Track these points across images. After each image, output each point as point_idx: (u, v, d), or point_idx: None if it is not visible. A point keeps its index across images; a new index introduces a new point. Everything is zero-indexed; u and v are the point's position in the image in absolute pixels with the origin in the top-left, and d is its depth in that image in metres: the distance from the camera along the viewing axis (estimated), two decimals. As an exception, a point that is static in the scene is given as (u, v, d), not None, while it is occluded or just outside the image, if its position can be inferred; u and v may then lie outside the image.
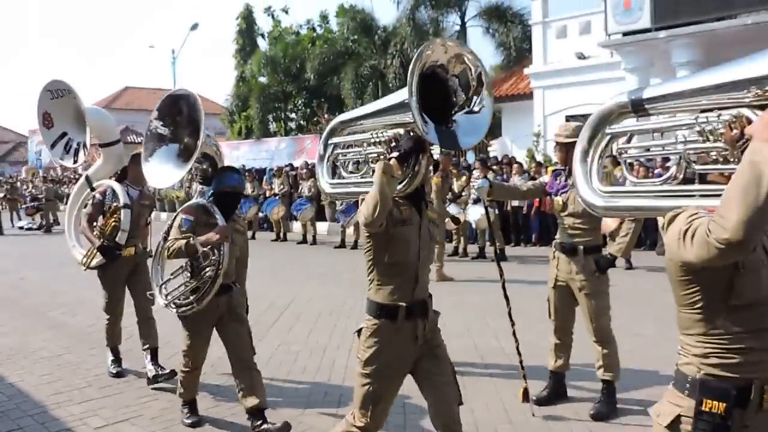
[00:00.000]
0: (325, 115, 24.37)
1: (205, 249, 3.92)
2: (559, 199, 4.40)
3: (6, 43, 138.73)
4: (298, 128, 30.99)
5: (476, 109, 2.97)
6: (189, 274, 4.13)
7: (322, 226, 15.30)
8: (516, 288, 6.38)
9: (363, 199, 2.83)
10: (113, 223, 5.10)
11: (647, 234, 11.83)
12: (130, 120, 43.44)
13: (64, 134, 5.50)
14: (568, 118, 16.76)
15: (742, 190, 1.58)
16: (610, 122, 2.29)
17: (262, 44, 35.52)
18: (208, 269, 3.97)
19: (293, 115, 32.57)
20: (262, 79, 31.37)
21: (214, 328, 4.31)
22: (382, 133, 3.12)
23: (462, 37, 25.84)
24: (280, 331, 6.61)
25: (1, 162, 46.44)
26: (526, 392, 4.28)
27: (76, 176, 28.12)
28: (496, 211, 11.25)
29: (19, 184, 26.52)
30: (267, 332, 6.57)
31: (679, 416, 1.95)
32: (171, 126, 4.48)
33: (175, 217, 4.23)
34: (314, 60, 28.40)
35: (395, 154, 2.88)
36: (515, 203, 12.90)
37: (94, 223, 5.29)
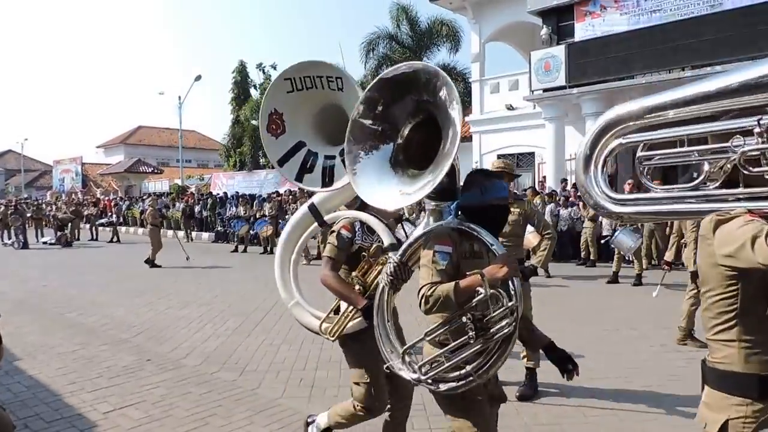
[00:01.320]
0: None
1: (490, 291, 2.07)
2: None
3: (36, 84, 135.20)
4: (282, 162, 30.80)
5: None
6: (456, 333, 2.16)
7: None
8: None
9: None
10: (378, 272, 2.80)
11: (563, 248, 11.99)
12: (142, 154, 42.64)
13: (300, 145, 3.12)
14: (499, 156, 17.02)
15: None
16: (620, 130, 1.94)
17: (254, 93, 35.34)
18: (502, 322, 2.08)
19: (279, 152, 32.34)
20: (254, 122, 31.14)
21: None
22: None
23: (416, 90, 26.07)
24: (265, 328, 6.43)
25: (28, 187, 44.86)
26: None
27: (94, 199, 27.37)
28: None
29: (44, 206, 25.59)
30: (254, 329, 6.39)
31: (727, 421, 1.65)
32: (385, 120, 2.40)
33: (408, 253, 2.35)
34: (296, 107, 28.34)
35: None
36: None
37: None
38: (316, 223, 3.31)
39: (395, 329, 2.46)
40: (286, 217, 14.26)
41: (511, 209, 3.86)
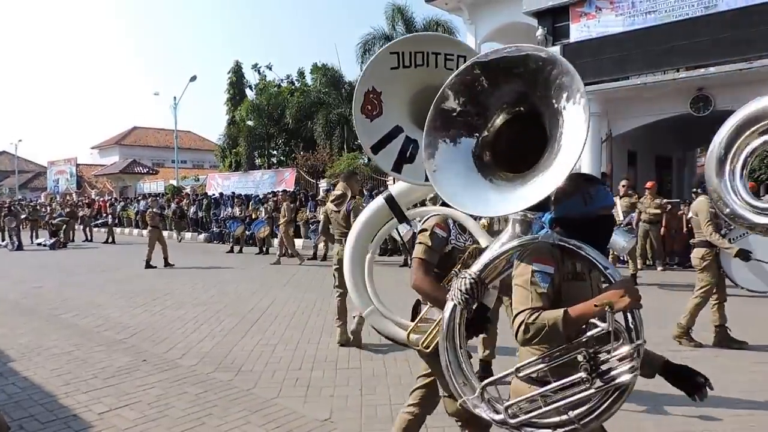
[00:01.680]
0: (301, 153, 24.23)
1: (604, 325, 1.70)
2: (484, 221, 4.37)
3: (30, 85, 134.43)
4: (278, 163, 30.79)
5: None
6: (559, 371, 1.83)
7: (298, 242, 15.09)
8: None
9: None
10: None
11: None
12: (137, 154, 42.53)
13: (397, 130, 2.65)
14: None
15: None
16: (764, 126, 1.66)
17: (250, 94, 35.36)
18: (624, 364, 1.71)
19: (275, 152, 32.36)
20: (249, 123, 31.14)
21: None
22: None
23: (412, 91, 26.13)
24: (261, 328, 6.42)
25: (22, 188, 44.66)
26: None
27: (88, 200, 27.27)
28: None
29: (38, 207, 25.49)
30: (250, 329, 6.37)
31: None
32: (473, 109, 2.01)
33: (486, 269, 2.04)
34: (292, 108, 28.35)
35: None
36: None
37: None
38: (393, 219, 2.91)
39: (467, 357, 2.09)
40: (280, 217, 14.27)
41: None
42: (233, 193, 21.32)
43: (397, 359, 5.15)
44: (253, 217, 16.06)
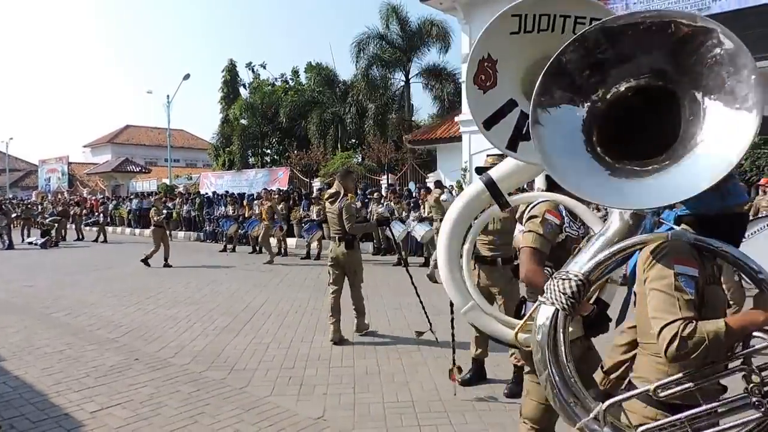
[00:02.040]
0: (295, 152, 24.22)
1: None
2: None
3: (22, 83, 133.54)
4: (272, 161, 30.76)
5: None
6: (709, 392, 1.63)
7: (291, 241, 15.07)
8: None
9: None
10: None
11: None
12: (130, 153, 42.38)
13: (511, 104, 2.35)
14: (489, 155, 17.08)
15: None
16: None
17: (244, 92, 35.29)
18: None
19: (268, 151, 32.32)
20: (243, 121, 31.09)
21: None
22: None
23: (406, 91, 26.16)
24: (254, 327, 6.42)
25: (13, 187, 44.35)
26: (454, 371, 4.23)
27: (79, 199, 27.11)
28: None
29: (31, 206, 25.31)
30: (243, 328, 6.36)
31: None
32: (590, 78, 1.70)
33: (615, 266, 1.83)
34: (286, 107, 28.32)
35: None
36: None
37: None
38: (495, 206, 2.63)
39: (576, 372, 1.76)
40: (276, 217, 14.25)
41: None
42: (226, 191, 21.28)
43: (390, 357, 5.16)
44: (247, 215, 16.02)
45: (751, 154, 28.21)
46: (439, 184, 13.42)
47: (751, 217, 9.75)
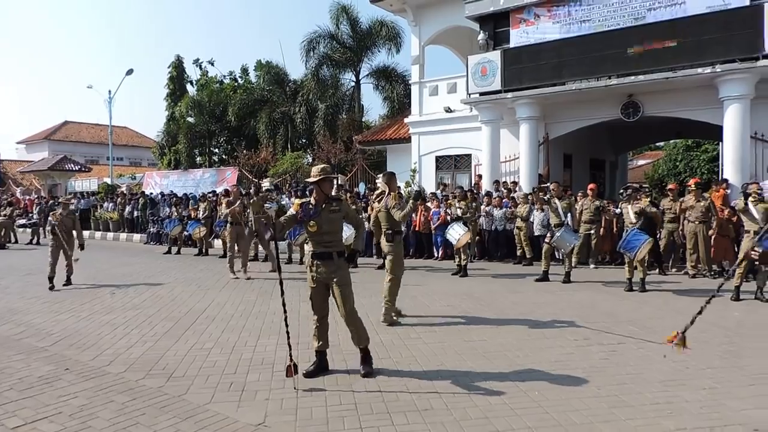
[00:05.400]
0: (243, 151, 23.77)
1: None
2: (313, 223, 4.63)
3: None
4: (220, 161, 30.09)
5: None
6: None
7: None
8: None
9: None
10: None
11: (498, 248, 12.30)
12: (69, 150, 40.48)
13: None
14: (438, 158, 17.31)
15: None
16: None
17: (191, 90, 34.37)
18: None
19: (216, 150, 31.59)
20: (190, 119, 30.27)
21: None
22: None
23: (356, 91, 26.14)
24: (196, 332, 6.23)
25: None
26: (291, 368, 4.40)
27: (12, 197, 25.64)
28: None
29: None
30: (184, 333, 6.17)
31: None
32: None
33: None
34: (235, 105, 27.79)
35: None
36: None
37: None
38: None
39: None
40: (220, 217, 13.89)
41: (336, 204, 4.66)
42: (171, 192, 20.64)
43: (334, 359, 5.11)
44: (192, 216, 15.59)
45: (685, 157, 29.56)
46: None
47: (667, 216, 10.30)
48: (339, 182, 18.22)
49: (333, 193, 4.92)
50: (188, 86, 34.79)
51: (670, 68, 12.15)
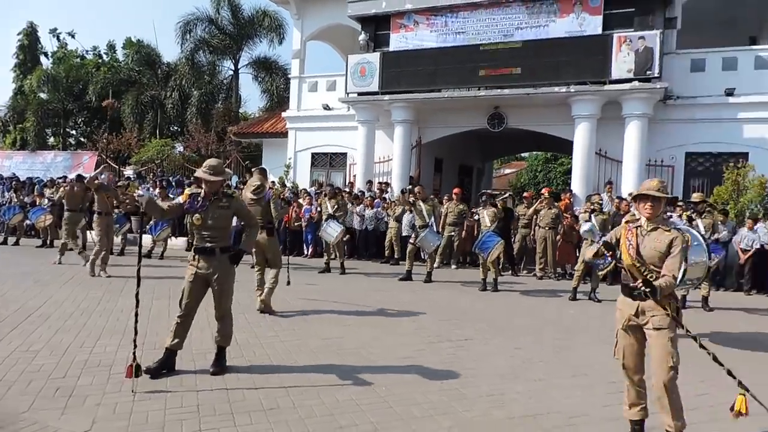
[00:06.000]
0: (105, 135, 21.91)
1: None
2: (198, 216, 4.55)
3: None
4: (77, 144, 27.49)
5: None
6: None
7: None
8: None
9: None
10: None
11: (368, 247, 12.54)
12: None
13: None
14: (314, 155, 17.26)
15: None
16: None
17: (45, 62, 31.02)
18: None
19: (73, 132, 28.82)
20: (43, 95, 27.29)
21: None
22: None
23: (235, 81, 25.25)
24: (23, 332, 5.59)
25: None
26: (131, 369, 4.17)
27: None
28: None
29: None
30: (9, 333, 5.51)
31: None
32: None
33: None
34: (97, 84, 25.57)
35: None
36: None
37: None
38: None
39: None
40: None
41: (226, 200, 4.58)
42: (14, 174, 18.43)
43: (183, 359, 4.87)
44: (38, 203, 14.07)
45: (544, 168, 32.24)
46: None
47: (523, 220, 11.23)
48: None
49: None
50: (42, 58, 31.39)
51: (531, 85, 13.21)
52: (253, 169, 7.82)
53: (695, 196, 8.66)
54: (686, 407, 3.41)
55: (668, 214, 9.65)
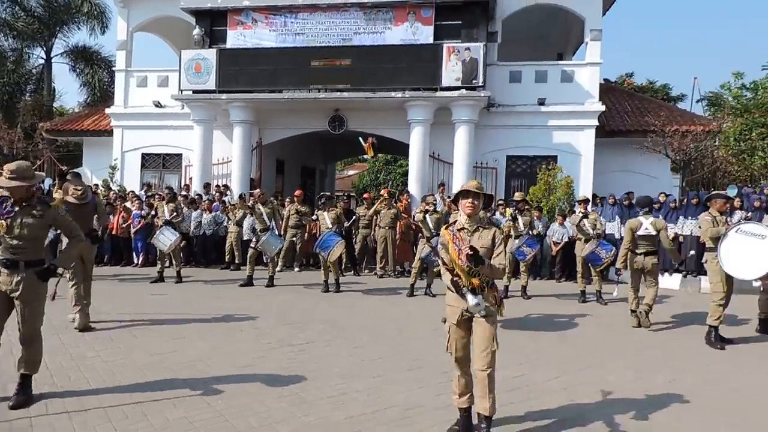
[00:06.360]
0: None
1: None
2: (3, 223, 4.05)
3: None
4: None
5: None
6: None
7: None
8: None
9: None
10: None
11: (206, 253, 11.90)
12: None
13: None
14: (144, 156, 15.98)
15: None
16: None
17: None
18: None
19: None
20: None
21: None
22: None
23: (47, 71, 22.41)
24: None
25: None
26: None
27: None
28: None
29: None
30: None
31: None
32: None
33: None
34: None
35: None
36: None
37: None
38: None
39: None
40: None
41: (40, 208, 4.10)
42: None
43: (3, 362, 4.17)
44: None
45: (385, 170, 33.48)
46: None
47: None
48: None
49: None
50: None
51: (370, 89, 13.62)
52: (68, 177, 7.19)
53: (517, 195, 9.63)
54: (506, 388, 3.76)
55: (494, 213, 10.63)
